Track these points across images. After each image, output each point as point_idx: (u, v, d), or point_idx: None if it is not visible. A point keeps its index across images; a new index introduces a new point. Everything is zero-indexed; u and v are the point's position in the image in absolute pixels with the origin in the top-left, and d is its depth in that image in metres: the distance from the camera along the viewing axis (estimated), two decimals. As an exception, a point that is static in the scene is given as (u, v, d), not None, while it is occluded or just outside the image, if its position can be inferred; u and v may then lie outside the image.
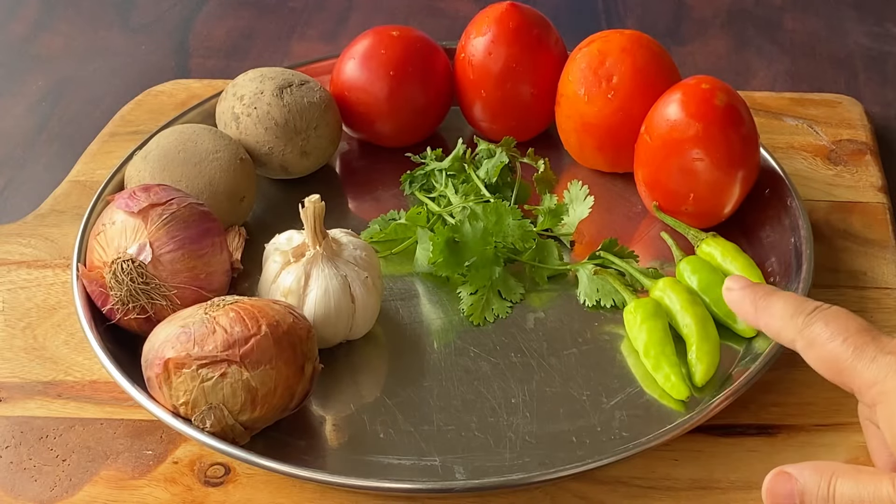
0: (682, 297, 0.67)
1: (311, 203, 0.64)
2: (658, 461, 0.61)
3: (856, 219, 0.77)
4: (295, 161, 0.77)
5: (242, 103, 0.76)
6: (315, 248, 0.65)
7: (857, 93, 0.92)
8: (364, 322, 0.67)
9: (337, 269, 0.65)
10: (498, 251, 0.71)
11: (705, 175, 0.71)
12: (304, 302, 0.64)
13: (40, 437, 0.64)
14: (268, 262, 0.66)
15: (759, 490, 0.59)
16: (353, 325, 0.66)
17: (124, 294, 0.63)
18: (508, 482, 0.58)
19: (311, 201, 0.64)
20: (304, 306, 0.64)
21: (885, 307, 0.70)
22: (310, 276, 0.64)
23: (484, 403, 0.64)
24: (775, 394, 0.65)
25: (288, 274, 0.65)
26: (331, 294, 0.64)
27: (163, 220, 0.64)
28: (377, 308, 0.67)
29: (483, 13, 0.82)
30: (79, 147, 0.86)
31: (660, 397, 0.64)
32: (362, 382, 0.66)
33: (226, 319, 0.59)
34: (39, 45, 1.03)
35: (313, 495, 0.60)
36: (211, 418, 0.58)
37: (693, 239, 0.72)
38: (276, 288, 0.65)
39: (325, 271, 0.64)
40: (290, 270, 0.65)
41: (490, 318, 0.69)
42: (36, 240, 0.77)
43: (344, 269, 0.65)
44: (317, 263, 0.65)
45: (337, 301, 0.64)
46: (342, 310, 0.65)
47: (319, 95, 0.77)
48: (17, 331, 0.70)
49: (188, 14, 1.07)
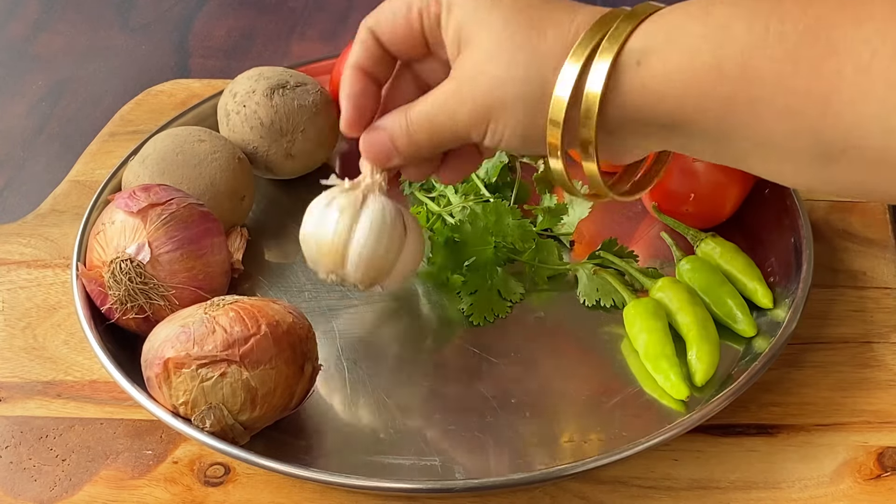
0: (682, 297, 0.67)
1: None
2: (658, 461, 0.61)
3: (855, 219, 0.77)
4: (279, 162, 0.76)
5: (234, 101, 0.76)
6: (374, 176, 0.60)
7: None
8: (410, 260, 0.62)
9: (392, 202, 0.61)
10: (498, 251, 0.71)
11: (705, 175, 0.71)
12: (358, 219, 0.60)
13: (40, 437, 0.64)
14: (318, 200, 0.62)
15: (759, 490, 0.60)
16: (399, 261, 0.61)
17: (123, 294, 0.63)
18: (508, 482, 0.58)
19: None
20: (356, 224, 0.60)
21: (885, 307, 0.70)
22: (367, 199, 0.60)
23: (484, 403, 0.64)
24: (775, 394, 0.65)
25: (343, 197, 0.60)
26: (387, 216, 0.60)
27: (162, 220, 0.64)
28: (422, 253, 0.63)
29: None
30: (79, 147, 0.86)
31: (660, 397, 0.64)
32: (362, 382, 0.66)
33: (225, 319, 0.59)
34: (39, 45, 1.03)
35: (313, 495, 0.60)
36: (211, 418, 0.58)
37: (693, 239, 0.72)
38: (329, 211, 0.60)
39: (380, 198, 0.61)
40: (346, 195, 0.61)
41: (490, 318, 0.69)
42: (36, 240, 0.77)
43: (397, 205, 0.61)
44: (373, 190, 0.61)
45: (392, 223, 0.60)
46: (395, 236, 0.60)
47: (313, 99, 0.77)
48: (17, 331, 0.70)
49: (188, 14, 1.07)
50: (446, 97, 0.53)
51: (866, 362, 0.67)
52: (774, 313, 0.68)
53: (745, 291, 0.69)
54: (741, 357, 0.66)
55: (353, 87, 0.58)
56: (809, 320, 0.68)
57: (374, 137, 0.57)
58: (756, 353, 0.65)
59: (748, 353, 0.66)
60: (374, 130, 0.57)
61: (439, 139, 0.55)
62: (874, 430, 0.63)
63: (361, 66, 0.58)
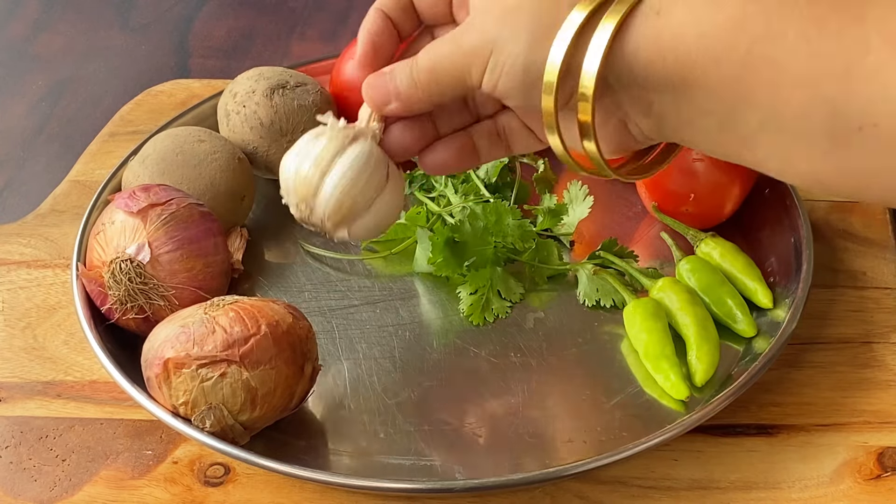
0: (682, 297, 0.67)
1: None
2: (658, 461, 0.61)
3: (855, 219, 0.77)
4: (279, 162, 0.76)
5: (235, 101, 0.76)
6: (370, 123, 0.59)
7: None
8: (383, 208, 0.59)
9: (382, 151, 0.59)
10: (498, 251, 0.71)
11: (705, 175, 0.71)
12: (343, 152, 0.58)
13: (40, 437, 0.64)
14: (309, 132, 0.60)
15: (759, 490, 0.60)
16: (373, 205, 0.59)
17: (122, 294, 0.63)
18: (508, 482, 0.58)
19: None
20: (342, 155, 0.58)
21: (885, 307, 0.70)
22: (356, 139, 0.58)
23: (484, 403, 0.64)
24: (775, 394, 0.65)
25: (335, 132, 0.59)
26: (372, 156, 0.58)
27: (162, 221, 0.64)
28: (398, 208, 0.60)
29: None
30: (78, 147, 0.86)
31: (660, 397, 0.64)
32: (362, 382, 0.66)
33: (225, 319, 0.59)
34: (39, 45, 1.03)
35: (313, 495, 0.60)
36: (211, 418, 0.58)
37: (693, 239, 0.72)
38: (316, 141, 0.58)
39: (370, 142, 0.59)
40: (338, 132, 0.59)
41: (490, 318, 0.69)
42: (36, 240, 0.77)
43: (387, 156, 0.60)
44: (366, 135, 0.59)
45: (375, 165, 0.58)
46: (374, 179, 0.58)
47: (313, 99, 0.77)
48: (16, 331, 0.70)
49: (188, 14, 1.07)
50: (453, 34, 0.52)
51: (866, 362, 0.67)
52: (774, 313, 0.68)
53: (745, 291, 0.69)
54: (741, 357, 0.66)
55: (374, 26, 0.57)
56: (809, 320, 0.68)
57: (376, 78, 0.56)
58: (756, 354, 0.65)
59: (748, 354, 0.66)
60: (378, 74, 0.56)
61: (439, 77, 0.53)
62: (874, 430, 0.63)
63: (386, 9, 0.57)
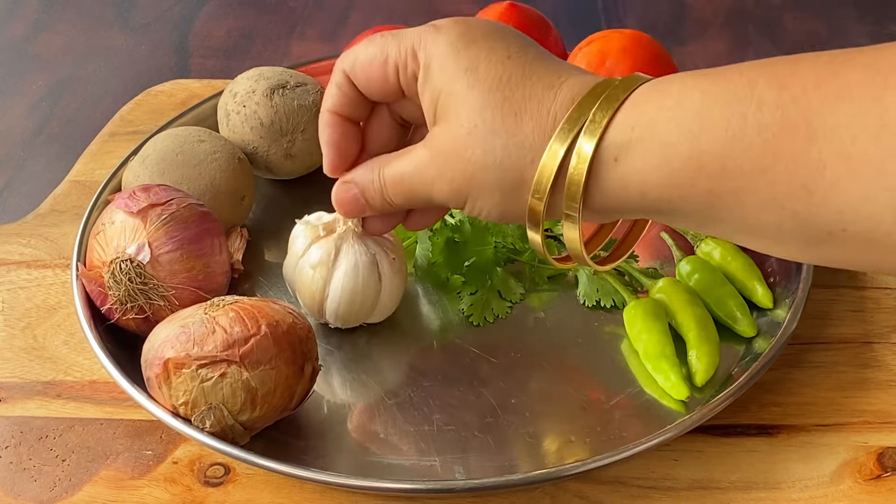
0: (682, 297, 0.67)
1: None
2: (658, 461, 0.61)
3: (856, 219, 0.77)
4: (279, 162, 0.76)
5: (235, 101, 0.76)
6: (347, 223, 0.65)
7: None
8: (388, 303, 0.67)
9: (367, 247, 0.65)
10: (498, 251, 0.71)
11: (705, 175, 0.71)
12: (332, 275, 0.65)
13: (40, 437, 0.64)
14: (297, 239, 0.67)
15: (760, 490, 0.60)
16: (377, 306, 0.66)
17: (122, 294, 0.63)
18: (508, 482, 0.58)
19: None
20: (332, 279, 0.65)
21: (885, 307, 0.70)
22: (340, 250, 0.65)
23: (484, 403, 0.64)
24: (775, 394, 0.65)
25: (318, 248, 0.65)
26: (360, 269, 0.64)
27: (162, 221, 0.64)
28: (401, 291, 0.67)
29: (483, 13, 0.82)
30: (78, 147, 0.86)
31: (660, 397, 0.64)
32: (362, 382, 0.66)
33: (225, 319, 0.59)
34: (39, 45, 1.03)
35: (313, 495, 0.60)
36: (211, 418, 0.58)
37: (693, 239, 0.72)
38: (304, 261, 0.65)
39: (355, 247, 0.65)
40: (320, 245, 0.65)
41: (490, 318, 0.69)
42: (36, 240, 0.77)
43: (373, 247, 0.65)
44: (347, 239, 0.65)
45: (365, 277, 0.64)
46: (370, 287, 0.65)
47: (313, 99, 0.77)
48: (16, 331, 0.70)
49: (188, 14, 1.07)
50: (424, 166, 0.53)
51: (866, 362, 0.67)
52: (774, 313, 0.68)
53: (745, 291, 0.69)
54: (741, 357, 0.66)
55: (333, 135, 0.58)
56: (809, 320, 0.68)
57: (345, 192, 0.58)
58: (756, 354, 0.65)
59: (748, 354, 0.66)
60: (345, 184, 0.58)
61: (414, 202, 0.55)
62: (874, 430, 0.63)
63: (338, 111, 0.58)
